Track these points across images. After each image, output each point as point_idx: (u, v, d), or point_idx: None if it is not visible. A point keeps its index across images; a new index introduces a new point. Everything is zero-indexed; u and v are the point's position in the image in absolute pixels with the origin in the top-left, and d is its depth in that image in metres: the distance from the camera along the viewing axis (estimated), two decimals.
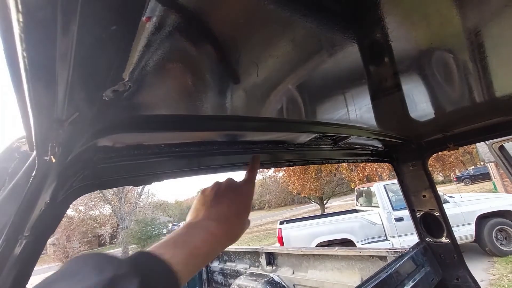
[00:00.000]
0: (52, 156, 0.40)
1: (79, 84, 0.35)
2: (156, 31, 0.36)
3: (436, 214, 1.89)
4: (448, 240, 1.87)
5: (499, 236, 6.35)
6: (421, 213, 1.95)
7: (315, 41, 0.53)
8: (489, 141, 2.60)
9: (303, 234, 6.53)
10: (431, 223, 1.93)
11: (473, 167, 31.65)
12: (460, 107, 1.23)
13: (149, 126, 0.61)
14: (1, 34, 0.26)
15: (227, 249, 4.36)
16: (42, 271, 19.75)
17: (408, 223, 6.54)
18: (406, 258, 1.76)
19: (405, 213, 6.53)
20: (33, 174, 0.43)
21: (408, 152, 1.90)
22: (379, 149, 1.87)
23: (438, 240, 1.90)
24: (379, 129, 1.37)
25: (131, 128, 0.57)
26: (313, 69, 0.64)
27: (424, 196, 1.92)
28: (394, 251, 2.14)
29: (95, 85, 0.38)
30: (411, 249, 1.88)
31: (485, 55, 0.71)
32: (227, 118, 0.74)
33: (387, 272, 1.58)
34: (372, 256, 2.29)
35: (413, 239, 2.00)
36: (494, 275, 5.38)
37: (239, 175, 0.76)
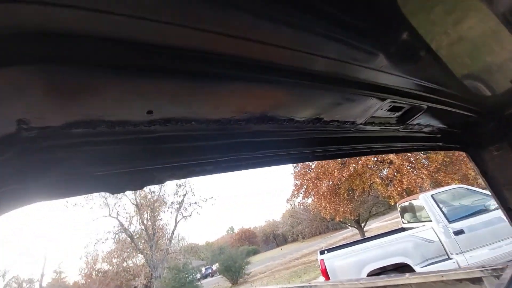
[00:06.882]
0: None
1: None
2: None
3: None
4: None
5: None
6: None
7: None
8: None
9: (349, 263, 5.81)
10: None
11: None
12: None
13: None
14: None
15: None
16: None
17: (471, 235, 5.65)
18: None
19: (465, 223, 5.71)
20: None
21: (487, 132, 1.47)
22: (447, 130, 1.46)
23: None
24: (447, 94, 1.06)
25: None
26: None
27: None
28: (492, 269, 1.65)
29: None
30: None
31: None
32: None
33: None
34: (460, 280, 1.79)
35: (483, 253, 1.53)
36: None
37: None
